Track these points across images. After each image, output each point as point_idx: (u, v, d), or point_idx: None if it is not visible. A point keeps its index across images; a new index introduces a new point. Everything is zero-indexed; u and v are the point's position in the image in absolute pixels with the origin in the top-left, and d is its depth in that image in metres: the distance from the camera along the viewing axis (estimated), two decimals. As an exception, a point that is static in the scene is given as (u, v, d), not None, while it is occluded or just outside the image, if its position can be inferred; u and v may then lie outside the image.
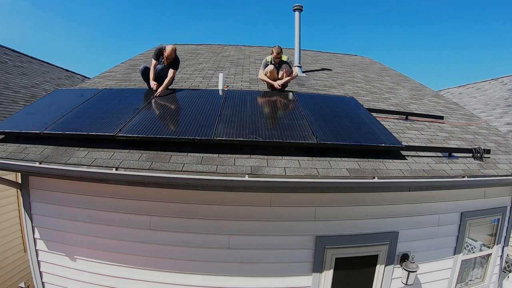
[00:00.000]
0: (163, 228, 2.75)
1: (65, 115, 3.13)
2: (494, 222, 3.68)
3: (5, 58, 7.92)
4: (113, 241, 2.82)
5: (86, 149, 2.71)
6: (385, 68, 7.59)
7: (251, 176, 2.38)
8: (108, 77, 5.13)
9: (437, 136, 3.69)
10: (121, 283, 2.85)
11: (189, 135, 2.68)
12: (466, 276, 3.67)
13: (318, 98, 3.96)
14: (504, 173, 3.07)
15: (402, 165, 2.82)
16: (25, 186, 2.92)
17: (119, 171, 2.38)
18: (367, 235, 2.93)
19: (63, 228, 2.90)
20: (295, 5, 5.83)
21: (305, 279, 2.87)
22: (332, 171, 2.57)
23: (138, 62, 6.11)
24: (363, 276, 3.11)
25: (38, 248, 3.00)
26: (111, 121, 2.94)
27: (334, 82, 5.48)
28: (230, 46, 8.20)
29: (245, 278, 2.81)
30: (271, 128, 2.92)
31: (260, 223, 2.76)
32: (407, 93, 5.52)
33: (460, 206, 3.28)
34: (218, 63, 6.16)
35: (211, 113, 3.17)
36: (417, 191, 2.90)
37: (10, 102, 6.04)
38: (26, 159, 2.57)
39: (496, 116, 7.90)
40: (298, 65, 5.78)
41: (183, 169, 2.44)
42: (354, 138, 2.89)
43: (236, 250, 2.77)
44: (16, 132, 2.90)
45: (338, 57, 8.29)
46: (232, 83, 4.72)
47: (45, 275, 3.03)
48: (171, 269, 2.80)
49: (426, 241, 3.16)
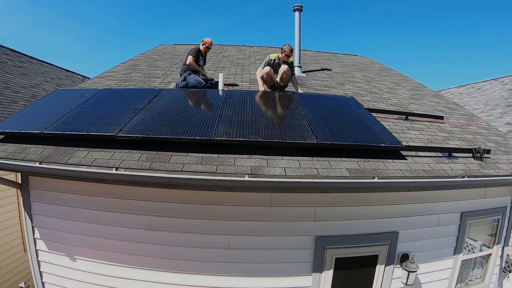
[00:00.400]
0: (163, 228, 2.75)
1: (65, 115, 3.13)
2: (494, 222, 3.68)
3: (5, 58, 7.92)
4: (113, 241, 2.82)
5: (86, 149, 2.71)
6: (385, 68, 7.59)
7: (251, 176, 2.37)
8: (108, 77, 5.13)
9: (437, 136, 3.69)
10: (121, 283, 2.85)
11: (189, 135, 2.68)
12: (466, 276, 3.67)
13: (318, 98, 3.96)
14: (504, 173, 3.07)
15: (402, 165, 2.82)
16: (25, 186, 2.92)
17: (119, 171, 2.38)
18: (367, 235, 2.93)
19: (63, 228, 2.90)
20: (295, 5, 5.84)
21: (305, 279, 2.87)
22: (332, 171, 2.57)
23: (138, 62, 6.11)
24: (363, 276, 3.11)
25: (38, 248, 3.00)
26: (111, 121, 2.94)
27: (334, 82, 5.48)
28: (230, 46, 8.20)
29: (245, 278, 2.81)
30: (271, 128, 2.92)
31: (260, 223, 2.75)
32: (407, 93, 5.52)
33: (460, 206, 3.28)
34: (218, 63, 6.16)
35: (211, 113, 3.17)
36: (417, 191, 2.90)
37: (10, 102, 6.04)
38: (26, 159, 2.57)
39: (496, 116, 7.91)
40: (298, 65, 5.78)
41: (183, 169, 2.44)
42: (354, 138, 2.89)
43: (236, 250, 2.77)
44: (16, 132, 2.90)
45: (338, 57, 8.29)
46: (232, 83, 4.72)
47: (45, 275, 3.03)
48: (171, 269, 2.80)
49: (426, 241, 3.16)
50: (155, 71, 5.39)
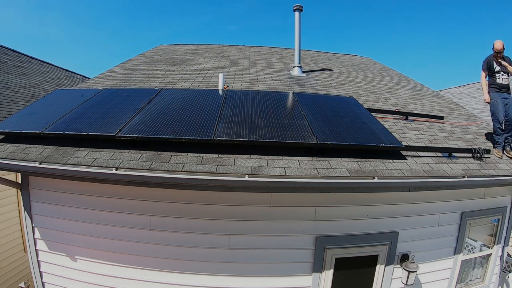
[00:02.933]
0: (163, 228, 2.75)
1: (65, 115, 3.13)
2: (494, 222, 3.68)
3: (5, 58, 7.92)
4: (113, 241, 2.82)
5: (86, 149, 2.71)
6: (385, 68, 7.59)
7: (251, 176, 2.38)
8: (108, 77, 5.13)
9: (437, 136, 3.69)
10: (121, 283, 2.85)
11: (189, 135, 2.68)
12: (466, 276, 3.67)
13: (318, 98, 3.96)
14: (504, 173, 3.07)
15: (402, 165, 2.82)
16: (25, 186, 2.92)
17: (119, 171, 2.38)
18: (367, 235, 2.93)
19: (63, 228, 2.90)
20: (295, 5, 5.83)
21: (305, 279, 2.87)
22: (332, 171, 2.57)
23: (138, 62, 6.11)
24: (363, 276, 3.11)
25: (38, 248, 3.00)
26: (111, 121, 2.94)
27: (334, 82, 5.48)
28: (230, 46, 8.20)
29: (245, 278, 2.81)
30: (271, 128, 2.92)
31: (260, 223, 2.75)
32: (407, 93, 5.52)
33: (460, 206, 3.28)
34: (218, 63, 6.16)
35: (211, 113, 3.17)
36: (417, 191, 2.90)
37: (10, 102, 6.04)
38: (26, 159, 2.57)
39: (496, 116, 7.89)
40: (298, 65, 5.78)
41: (183, 169, 2.44)
42: (354, 138, 2.89)
43: (236, 250, 2.77)
44: (16, 132, 2.90)
45: (338, 57, 8.29)
46: (232, 83, 4.72)
47: (45, 275, 3.03)
48: (171, 269, 2.80)
49: (426, 241, 3.16)
50: (155, 71, 5.39)
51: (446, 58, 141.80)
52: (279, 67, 6.14)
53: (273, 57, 7.06)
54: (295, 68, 5.71)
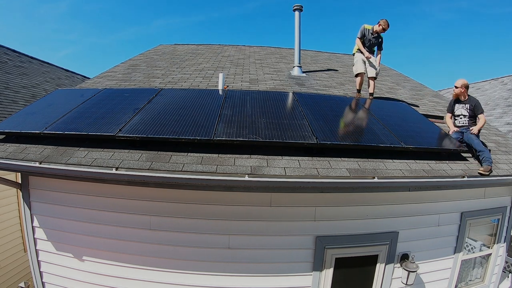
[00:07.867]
0: (163, 228, 2.75)
1: (65, 115, 3.13)
2: (494, 222, 3.68)
3: (5, 58, 7.92)
4: (113, 241, 2.82)
5: (86, 149, 2.71)
6: (385, 68, 7.59)
7: (251, 176, 2.38)
8: (108, 77, 5.13)
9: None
10: (121, 283, 2.85)
11: (189, 135, 2.68)
12: (466, 276, 3.67)
13: (318, 98, 3.96)
14: (504, 173, 3.07)
15: (402, 165, 2.82)
16: (25, 186, 2.92)
17: (119, 171, 2.38)
18: (367, 235, 2.93)
19: (63, 228, 2.90)
20: (295, 5, 5.83)
21: (305, 279, 2.87)
22: (332, 171, 2.57)
23: (138, 62, 6.11)
24: (363, 276, 3.11)
25: (38, 248, 3.00)
26: (111, 121, 2.94)
27: (334, 82, 5.48)
28: (230, 46, 8.20)
29: (245, 278, 2.81)
30: (271, 128, 2.92)
31: (260, 223, 2.75)
32: (407, 93, 5.52)
33: (460, 206, 3.28)
34: (218, 63, 6.16)
35: (211, 113, 3.17)
36: (417, 191, 2.90)
37: (10, 102, 6.04)
38: (26, 159, 2.57)
39: (496, 116, 7.91)
40: (298, 65, 5.78)
41: (183, 169, 2.44)
42: (354, 138, 2.89)
43: (236, 250, 2.77)
44: (16, 132, 2.90)
45: (338, 57, 8.28)
46: (232, 83, 4.72)
47: (45, 275, 3.03)
48: (171, 269, 2.79)
49: (426, 241, 3.16)
50: (155, 71, 5.39)
51: (446, 58, 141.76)
52: (279, 67, 6.14)
53: (273, 57, 7.06)
54: (295, 68, 5.72)
